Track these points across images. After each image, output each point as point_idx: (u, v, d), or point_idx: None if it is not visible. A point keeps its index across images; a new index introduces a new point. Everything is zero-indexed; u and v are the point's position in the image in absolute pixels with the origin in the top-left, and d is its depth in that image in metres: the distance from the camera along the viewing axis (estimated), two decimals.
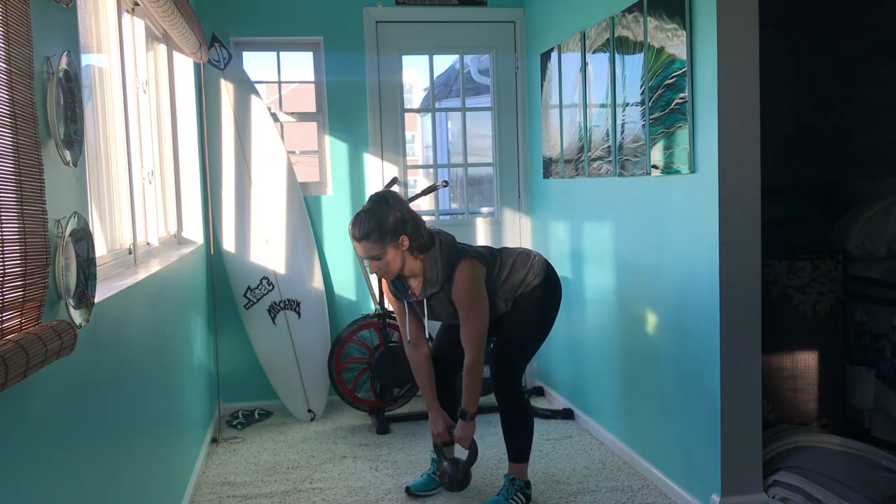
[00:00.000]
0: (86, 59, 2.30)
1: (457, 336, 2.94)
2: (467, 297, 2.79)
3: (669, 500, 3.04)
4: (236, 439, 3.93)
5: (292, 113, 4.52)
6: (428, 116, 8.10)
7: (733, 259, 2.69)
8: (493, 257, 2.95)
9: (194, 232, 3.98)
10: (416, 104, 8.34)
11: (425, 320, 2.97)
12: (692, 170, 2.80)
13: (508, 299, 2.93)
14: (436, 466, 3.16)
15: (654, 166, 3.04)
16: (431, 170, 6.94)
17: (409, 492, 3.16)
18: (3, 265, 1.27)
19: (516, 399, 3.00)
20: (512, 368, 2.99)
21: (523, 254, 2.99)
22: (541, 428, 3.87)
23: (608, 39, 3.39)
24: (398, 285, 2.95)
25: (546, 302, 2.98)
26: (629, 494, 3.11)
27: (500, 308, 2.93)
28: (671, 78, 2.87)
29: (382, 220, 2.75)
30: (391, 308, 3.25)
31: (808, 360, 3.35)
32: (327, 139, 4.45)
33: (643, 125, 3.10)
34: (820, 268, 3.34)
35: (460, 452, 3.22)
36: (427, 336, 3.09)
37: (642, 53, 3.08)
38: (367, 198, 4.37)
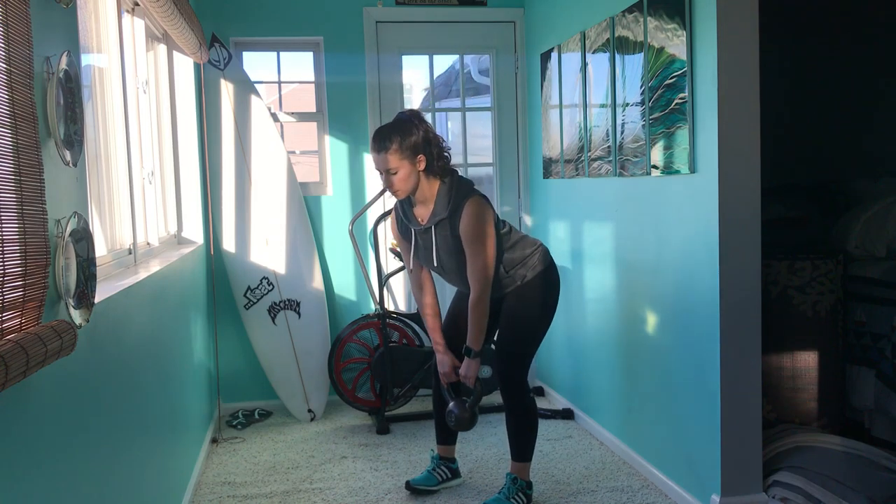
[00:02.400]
0: (86, 59, 2.30)
1: (463, 326, 2.93)
2: (474, 229, 2.78)
3: (669, 500, 3.04)
4: (236, 439, 3.93)
5: (292, 113, 4.52)
6: (428, 116, 8.10)
7: (733, 259, 2.69)
8: (502, 221, 2.97)
9: (194, 232, 3.98)
10: (416, 104, 8.32)
11: (437, 255, 2.90)
12: (692, 170, 2.80)
13: (508, 268, 2.91)
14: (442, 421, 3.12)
15: (654, 166, 3.04)
16: None
17: (410, 486, 3.16)
18: (3, 265, 1.27)
19: (523, 399, 3.00)
20: (515, 366, 2.98)
21: (529, 238, 3.02)
22: (541, 428, 3.86)
23: (608, 39, 3.39)
24: (407, 212, 2.94)
25: (546, 295, 2.97)
26: (629, 494, 3.11)
27: (500, 273, 2.90)
28: (671, 78, 2.87)
29: (405, 135, 2.77)
30: (397, 251, 3.17)
31: (808, 360, 3.35)
32: (327, 139, 4.45)
33: (643, 125, 3.10)
34: (820, 268, 3.34)
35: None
36: (431, 275, 3.06)
37: (642, 53, 3.08)
38: (367, 198, 4.42)
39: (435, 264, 2.94)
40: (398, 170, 2.77)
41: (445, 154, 2.86)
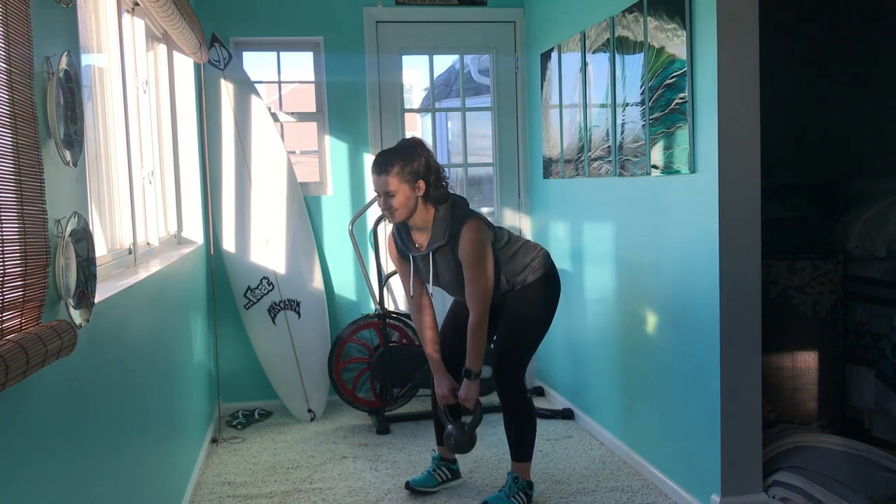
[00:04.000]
0: (86, 59, 2.30)
1: (462, 337, 2.94)
2: (473, 253, 2.80)
3: (669, 500, 3.04)
4: (236, 439, 3.93)
5: (292, 113, 4.52)
6: (428, 116, 8.10)
7: (733, 259, 2.69)
8: (500, 231, 2.99)
9: (194, 232, 3.98)
10: (416, 104, 8.33)
11: (429, 286, 2.96)
12: (692, 170, 2.80)
13: (511, 279, 2.94)
14: (443, 437, 3.11)
15: (654, 166, 3.04)
16: None
17: (409, 486, 3.16)
18: (3, 265, 1.27)
19: (519, 398, 3.00)
20: (514, 367, 2.99)
21: (530, 243, 3.03)
22: (541, 428, 3.86)
23: (608, 39, 3.39)
24: (404, 239, 2.96)
25: (546, 297, 2.98)
26: (629, 494, 3.11)
27: (501, 285, 2.93)
28: (671, 78, 2.87)
29: (407, 160, 2.80)
30: (394, 268, 3.18)
31: (808, 360, 3.35)
32: (327, 139, 4.45)
33: (643, 125, 3.10)
34: (820, 268, 3.34)
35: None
36: (430, 294, 3.06)
37: (642, 53, 3.08)
38: (367, 198, 4.42)
39: (435, 282, 2.96)
40: (397, 193, 2.79)
41: (444, 182, 2.88)
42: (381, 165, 2.81)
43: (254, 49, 4.46)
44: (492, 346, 3.06)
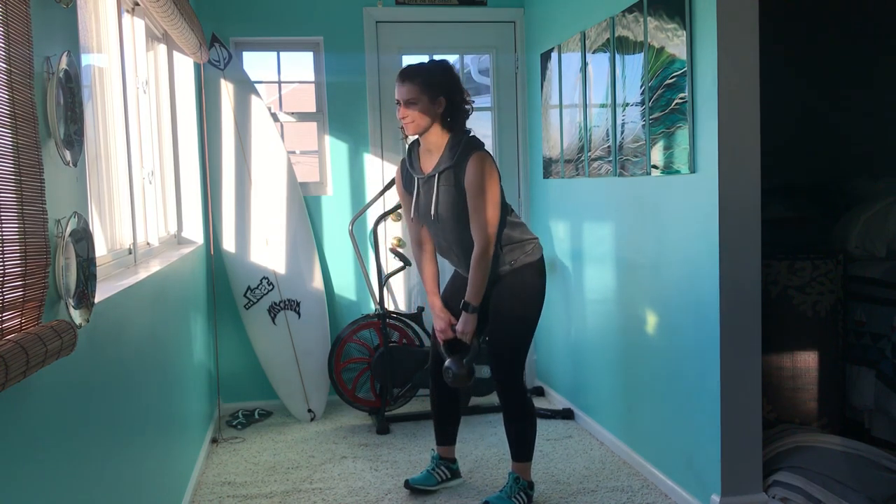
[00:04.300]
0: (86, 59, 2.30)
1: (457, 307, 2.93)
2: (479, 179, 2.77)
3: (669, 500, 3.04)
4: (236, 439, 3.93)
5: (292, 113, 4.52)
6: None
7: (733, 259, 2.69)
8: (505, 199, 2.96)
9: (194, 232, 3.98)
10: None
11: (436, 205, 2.87)
12: (692, 170, 2.80)
13: (505, 244, 2.89)
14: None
15: (654, 166, 3.04)
16: None
17: (409, 485, 3.16)
18: (3, 265, 1.27)
19: (519, 398, 2.99)
20: (511, 366, 2.97)
21: (526, 227, 3.03)
22: (541, 428, 3.86)
23: (608, 39, 3.39)
24: (413, 161, 2.96)
25: (538, 285, 2.95)
26: (629, 494, 3.11)
27: (496, 248, 2.87)
28: (671, 78, 2.87)
29: (432, 74, 2.84)
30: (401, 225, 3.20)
31: (808, 360, 3.35)
32: (327, 139, 4.44)
33: (643, 125, 3.10)
34: (820, 268, 3.34)
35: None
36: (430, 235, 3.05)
37: (642, 53, 3.08)
38: (367, 198, 4.42)
39: (434, 214, 2.88)
40: (416, 103, 2.80)
41: (467, 107, 2.89)
42: (405, 73, 2.84)
43: (254, 49, 4.46)
44: (481, 344, 3.04)
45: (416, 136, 2.92)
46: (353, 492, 3.21)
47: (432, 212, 2.89)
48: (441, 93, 2.81)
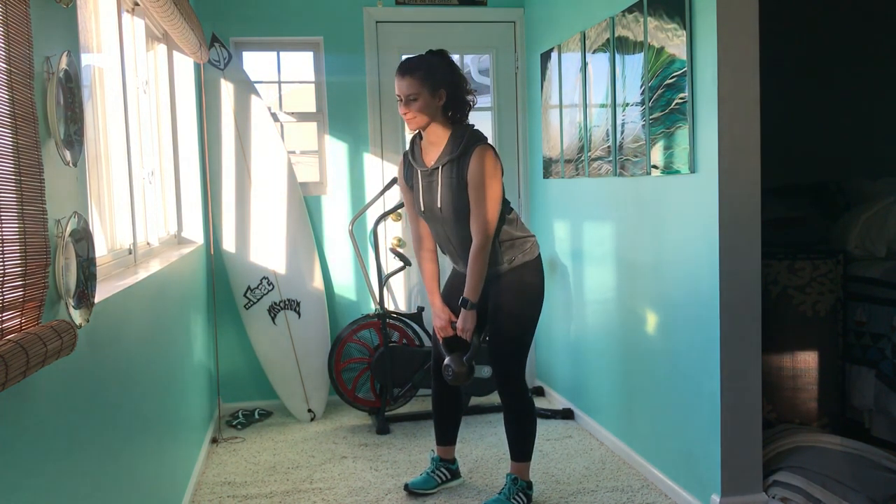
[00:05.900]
0: (86, 59, 2.30)
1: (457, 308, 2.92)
2: (480, 173, 2.77)
3: (669, 500, 3.04)
4: (236, 439, 3.93)
5: (292, 113, 4.52)
6: None
7: (733, 259, 2.69)
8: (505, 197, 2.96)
9: (194, 232, 3.98)
10: None
11: (437, 198, 2.86)
12: (692, 170, 2.80)
13: (504, 240, 2.88)
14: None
15: (654, 166, 3.04)
16: None
17: (408, 489, 3.15)
18: (3, 265, 1.27)
19: (519, 398, 2.99)
20: (512, 366, 2.97)
21: (525, 227, 3.02)
22: (541, 428, 3.86)
23: (608, 39, 3.39)
24: (416, 154, 2.94)
25: (537, 283, 2.94)
26: (629, 494, 3.11)
27: (494, 243, 2.86)
28: (671, 78, 2.87)
29: (432, 67, 2.82)
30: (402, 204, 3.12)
31: (808, 360, 3.35)
32: (327, 139, 4.45)
33: (643, 125, 3.10)
34: (820, 268, 3.34)
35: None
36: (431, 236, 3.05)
37: (642, 53, 3.08)
38: (367, 198, 4.42)
39: (435, 207, 2.87)
40: (417, 97, 2.79)
41: (469, 99, 2.88)
42: (405, 68, 2.83)
43: (254, 49, 4.46)
44: (482, 344, 3.04)
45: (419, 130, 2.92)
46: (353, 492, 3.21)
47: (434, 205, 2.88)
48: (442, 85, 2.81)
